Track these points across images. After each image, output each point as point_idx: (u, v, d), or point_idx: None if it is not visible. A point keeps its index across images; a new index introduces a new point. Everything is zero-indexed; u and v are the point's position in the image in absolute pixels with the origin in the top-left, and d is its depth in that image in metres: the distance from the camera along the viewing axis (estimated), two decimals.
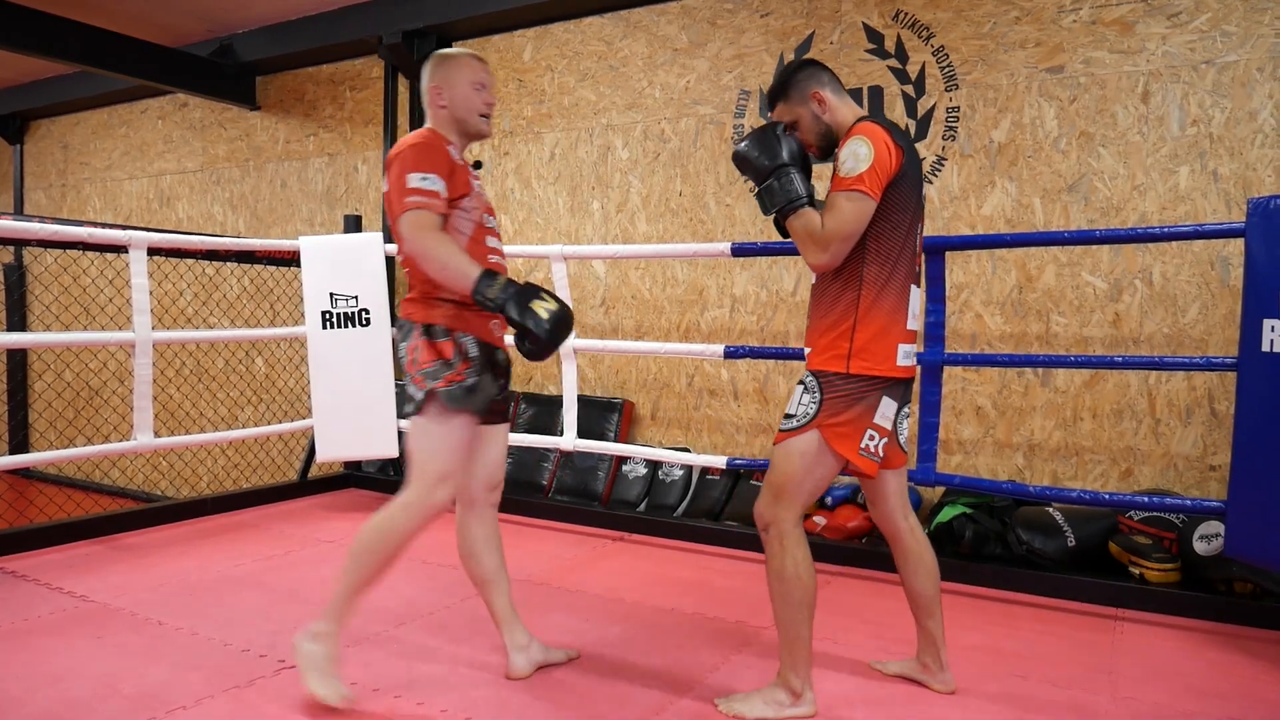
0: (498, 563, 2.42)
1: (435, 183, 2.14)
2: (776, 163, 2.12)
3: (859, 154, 2.01)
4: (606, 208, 4.82)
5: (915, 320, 2.18)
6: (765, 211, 2.18)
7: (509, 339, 2.37)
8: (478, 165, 2.48)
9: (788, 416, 2.15)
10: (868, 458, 2.10)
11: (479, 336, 2.25)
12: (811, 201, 2.12)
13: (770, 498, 2.15)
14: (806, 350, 2.21)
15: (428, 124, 2.33)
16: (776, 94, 2.22)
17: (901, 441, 2.26)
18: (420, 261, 2.15)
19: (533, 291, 2.11)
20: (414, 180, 2.13)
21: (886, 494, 2.30)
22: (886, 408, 2.12)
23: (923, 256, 2.28)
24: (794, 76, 2.20)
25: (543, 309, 2.08)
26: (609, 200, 4.81)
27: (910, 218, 2.12)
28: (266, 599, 3.04)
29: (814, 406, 2.10)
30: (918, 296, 2.19)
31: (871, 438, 2.10)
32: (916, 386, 3.13)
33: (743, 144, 2.18)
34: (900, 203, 2.08)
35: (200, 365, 6.51)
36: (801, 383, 2.16)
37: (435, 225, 2.14)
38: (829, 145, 2.21)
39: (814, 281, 2.22)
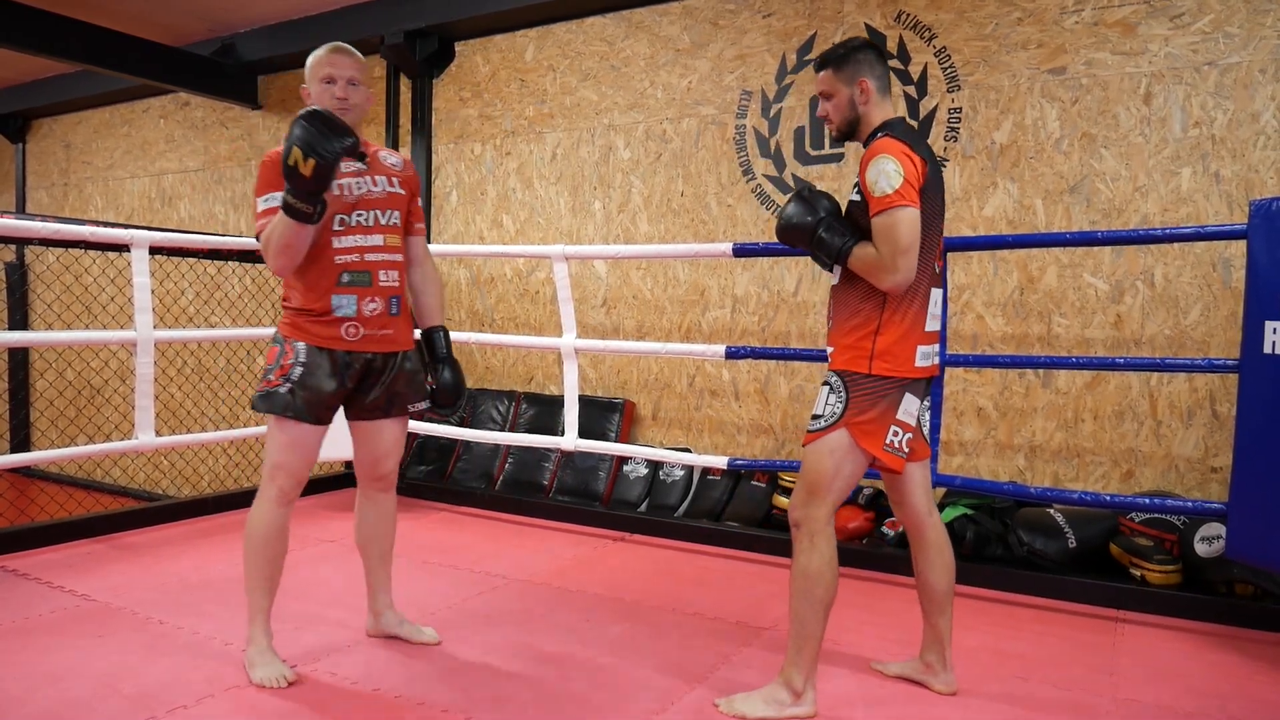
0: (370, 532, 2.64)
1: (275, 199, 2.27)
2: (819, 216, 2.18)
3: (888, 171, 2.04)
4: (608, 208, 4.82)
5: (936, 321, 2.21)
6: (828, 260, 2.21)
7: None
8: (360, 157, 2.36)
9: (815, 417, 2.19)
10: (893, 453, 2.14)
11: (317, 344, 2.33)
12: (858, 238, 2.14)
13: (803, 496, 2.18)
14: (829, 349, 2.24)
15: None
16: (830, 62, 2.23)
17: (925, 434, 2.31)
18: (279, 268, 2.30)
19: (289, 170, 2.13)
20: (260, 204, 2.32)
21: (912, 486, 2.32)
22: (909, 404, 2.15)
23: (944, 260, 2.30)
24: (855, 54, 2.21)
25: (304, 166, 2.12)
26: (610, 200, 4.81)
27: (934, 225, 2.16)
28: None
29: (840, 406, 2.14)
30: (937, 298, 2.21)
31: (896, 434, 2.14)
32: None
33: (786, 209, 2.23)
34: (924, 211, 2.10)
35: (202, 364, 6.51)
36: (826, 383, 2.20)
37: None
38: (849, 132, 2.25)
39: (834, 283, 2.25)
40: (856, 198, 2.16)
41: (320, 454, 4.27)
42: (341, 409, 2.49)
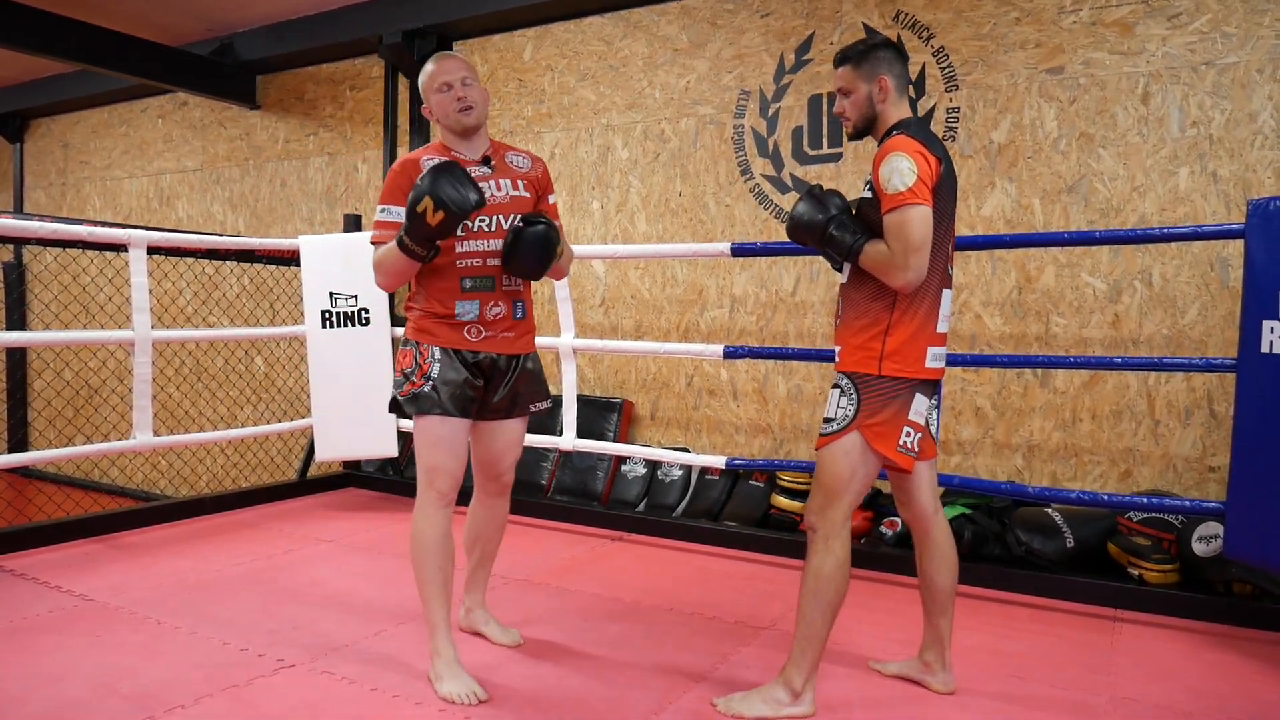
0: (477, 532, 2.68)
1: (390, 212, 2.34)
2: (830, 214, 2.17)
3: (901, 169, 2.03)
4: (606, 207, 4.82)
5: (946, 322, 2.20)
6: (839, 257, 2.18)
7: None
8: (486, 161, 2.43)
9: (827, 420, 2.18)
10: (905, 454, 2.13)
11: (446, 345, 2.36)
12: (869, 236, 2.13)
13: (820, 500, 2.17)
14: (837, 349, 2.23)
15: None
16: (850, 58, 2.22)
17: (933, 432, 2.31)
18: (384, 289, 2.40)
19: (414, 216, 2.18)
20: (378, 214, 2.37)
21: (920, 486, 2.32)
22: (919, 404, 2.15)
23: (954, 259, 2.28)
24: (875, 51, 2.20)
25: (431, 216, 2.16)
26: (609, 200, 4.81)
27: (946, 225, 2.15)
28: (265, 598, 3.03)
29: (852, 409, 2.13)
30: (949, 299, 2.20)
31: (908, 434, 2.13)
32: None
33: (797, 207, 2.22)
34: (937, 211, 2.09)
35: (200, 364, 6.51)
36: (836, 385, 2.18)
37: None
38: (864, 129, 2.25)
39: (843, 281, 2.24)
40: (868, 194, 2.15)
41: (319, 454, 4.33)
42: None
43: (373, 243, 2.34)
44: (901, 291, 2.10)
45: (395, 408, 2.41)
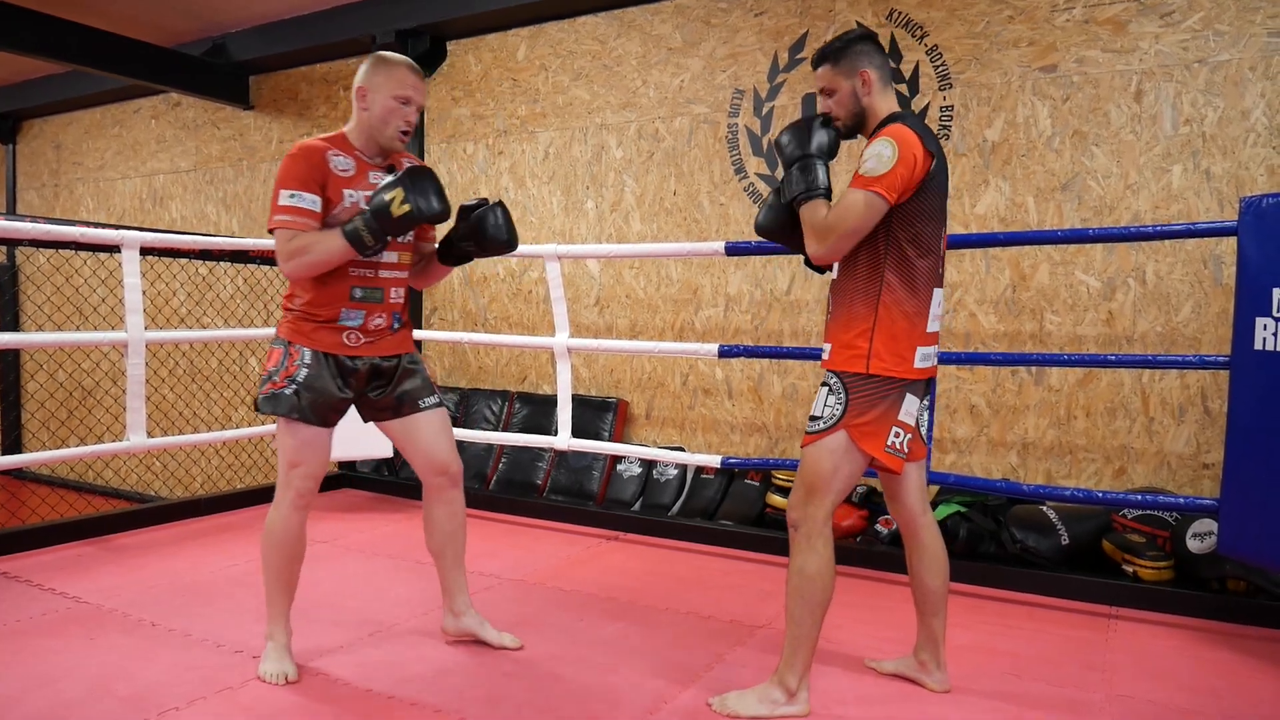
0: (444, 537, 2.57)
1: (303, 199, 2.24)
2: (803, 151, 2.13)
3: (883, 155, 2.00)
4: (601, 207, 4.82)
5: (937, 322, 2.17)
6: (784, 199, 2.17)
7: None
8: (390, 170, 2.40)
9: (814, 419, 2.16)
10: (894, 454, 2.12)
11: (318, 348, 2.34)
12: (828, 195, 2.11)
13: (802, 497, 2.16)
14: (826, 346, 2.21)
15: (347, 124, 2.39)
16: (828, 56, 2.20)
17: (924, 434, 2.29)
18: (295, 276, 2.30)
19: (381, 206, 2.19)
20: (283, 198, 2.25)
21: (909, 487, 2.31)
22: (910, 404, 2.13)
23: (946, 258, 2.25)
24: (852, 46, 2.17)
25: (397, 208, 2.19)
26: (603, 199, 4.81)
27: (935, 222, 2.13)
28: (260, 600, 3.02)
29: (839, 408, 2.11)
30: (940, 299, 2.18)
31: (897, 435, 2.12)
32: None
33: (782, 134, 2.18)
34: (926, 208, 2.08)
35: (194, 365, 6.49)
36: (825, 384, 2.17)
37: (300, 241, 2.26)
38: (857, 125, 2.22)
39: (835, 279, 2.22)
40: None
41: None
42: (359, 414, 2.54)
43: (280, 228, 2.24)
44: (817, 260, 2.11)
45: (256, 406, 2.37)
